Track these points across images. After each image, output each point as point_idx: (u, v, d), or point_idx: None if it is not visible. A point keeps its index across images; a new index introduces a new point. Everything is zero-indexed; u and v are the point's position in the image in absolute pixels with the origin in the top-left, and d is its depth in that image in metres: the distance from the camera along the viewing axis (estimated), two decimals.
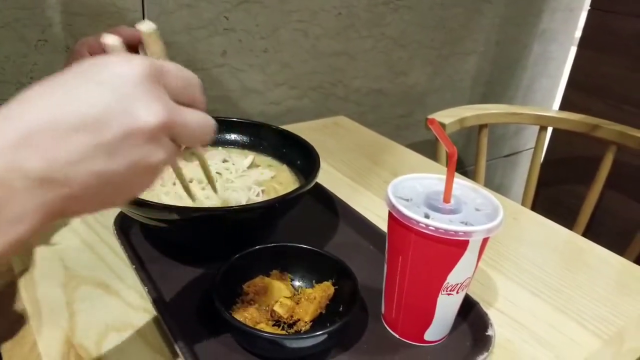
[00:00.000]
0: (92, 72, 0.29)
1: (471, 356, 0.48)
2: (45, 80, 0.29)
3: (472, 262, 0.46)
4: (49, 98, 0.27)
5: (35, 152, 0.26)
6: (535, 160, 1.27)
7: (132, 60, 0.29)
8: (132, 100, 0.28)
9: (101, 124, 0.27)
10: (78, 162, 0.27)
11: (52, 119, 0.27)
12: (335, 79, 1.15)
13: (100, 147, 0.27)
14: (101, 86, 0.28)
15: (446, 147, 0.44)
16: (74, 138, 0.27)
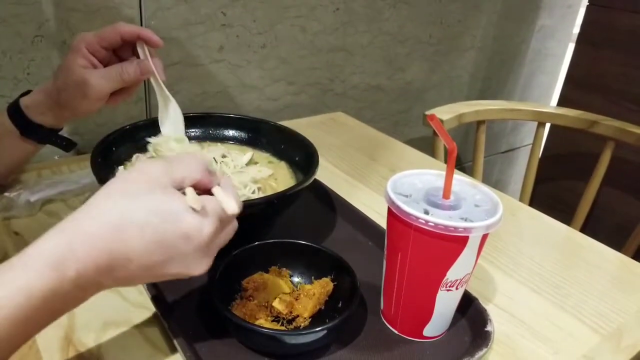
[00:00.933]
0: (165, 229, 0.35)
1: (470, 352, 0.48)
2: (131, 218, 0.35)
3: (471, 258, 0.46)
4: (129, 242, 0.34)
5: (112, 279, 0.35)
6: (534, 156, 1.27)
7: (200, 232, 0.36)
8: (192, 259, 0.37)
9: (164, 268, 0.36)
10: (138, 280, 0.38)
11: (127, 258, 0.35)
12: (333, 74, 1.14)
13: (158, 277, 0.38)
14: (173, 245, 0.36)
15: (446, 143, 0.44)
16: (141, 271, 0.36)
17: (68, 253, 0.32)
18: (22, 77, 0.78)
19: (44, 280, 0.31)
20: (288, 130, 0.70)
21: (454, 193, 0.47)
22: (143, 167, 0.37)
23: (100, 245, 0.33)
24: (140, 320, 0.50)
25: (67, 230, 0.34)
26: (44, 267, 0.32)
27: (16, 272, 0.31)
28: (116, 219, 0.34)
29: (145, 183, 0.36)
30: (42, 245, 0.33)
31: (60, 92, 0.58)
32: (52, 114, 0.60)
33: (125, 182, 0.36)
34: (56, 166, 0.77)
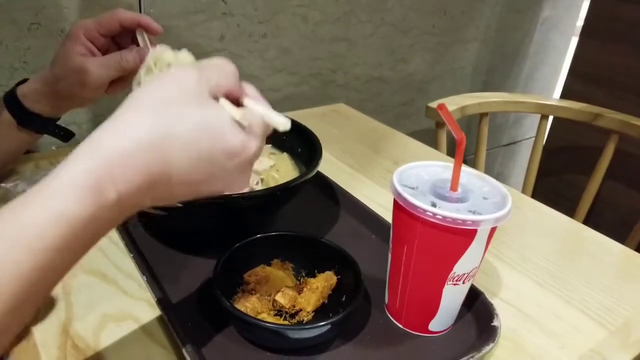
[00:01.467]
0: (211, 146, 0.33)
1: (476, 347, 0.47)
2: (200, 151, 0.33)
3: (479, 251, 0.45)
4: (172, 159, 0.32)
5: (151, 197, 0.33)
6: (536, 149, 1.26)
7: (245, 149, 0.35)
8: (234, 176, 0.36)
9: (206, 185, 0.35)
10: (178, 198, 0.36)
11: (168, 176, 0.33)
12: (335, 65, 1.13)
13: (198, 193, 0.36)
14: (216, 162, 0.34)
15: (454, 134, 0.43)
16: (182, 187, 0.34)
17: (106, 177, 0.29)
18: (18, 65, 0.76)
19: (83, 207, 0.29)
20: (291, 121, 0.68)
21: (462, 185, 0.46)
22: (174, 74, 0.34)
23: (140, 165, 0.30)
24: (139, 314, 0.49)
25: (100, 151, 0.30)
26: (81, 193, 0.29)
27: (52, 200, 0.28)
28: (155, 135, 0.31)
29: (179, 92, 0.33)
30: (74, 169, 0.29)
31: (58, 80, 0.56)
32: (49, 103, 0.59)
33: (156, 91, 0.33)
34: (54, 157, 0.76)
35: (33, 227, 0.27)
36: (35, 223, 0.27)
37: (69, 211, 0.28)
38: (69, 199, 0.28)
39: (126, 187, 0.30)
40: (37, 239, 0.27)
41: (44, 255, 0.28)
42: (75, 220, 0.28)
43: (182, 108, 0.32)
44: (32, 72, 0.76)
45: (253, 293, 0.50)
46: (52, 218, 0.28)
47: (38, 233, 0.27)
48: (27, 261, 0.27)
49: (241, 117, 0.34)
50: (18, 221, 0.28)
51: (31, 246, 0.27)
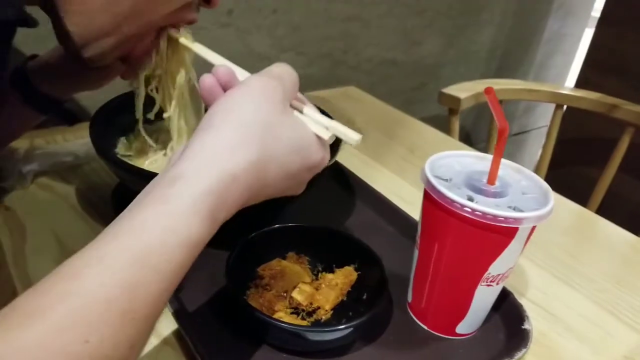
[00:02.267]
0: (300, 166, 0.36)
1: (508, 352, 0.44)
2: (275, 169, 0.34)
3: (517, 251, 0.41)
4: (267, 180, 0.34)
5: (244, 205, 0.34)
6: (549, 139, 1.22)
7: (322, 162, 0.38)
8: (303, 185, 0.39)
9: (282, 194, 0.37)
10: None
11: (265, 194, 0.35)
12: (347, 46, 1.08)
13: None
14: (298, 176, 0.37)
15: (497, 122, 0.39)
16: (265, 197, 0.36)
17: (221, 202, 0.31)
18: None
19: (203, 231, 0.30)
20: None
21: (499, 178, 0.42)
22: (263, 90, 0.34)
23: (245, 188, 0.32)
24: None
25: (215, 175, 0.30)
26: (202, 218, 0.29)
27: (178, 224, 0.28)
28: (262, 160, 0.33)
29: (274, 112, 0.34)
30: (193, 190, 0.30)
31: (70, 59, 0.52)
32: (59, 82, 0.54)
33: (256, 113, 0.33)
34: (50, 135, 0.71)
35: (161, 250, 0.27)
36: (163, 247, 0.28)
37: (193, 236, 0.29)
38: (192, 223, 0.29)
39: (233, 208, 0.32)
40: (165, 263, 0.27)
41: (170, 278, 0.28)
42: (197, 244, 0.29)
43: (279, 130, 0.34)
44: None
45: (267, 288, 0.46)
46: (179, 243, 0.28)
47: (167, 258, 0.28)
48: (156, 282, 0.27)
49: (324, 132, 0.36)
50: (142, 241, 0.27)
51: (160, 269, 0.27)
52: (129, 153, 0.55)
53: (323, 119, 0.38)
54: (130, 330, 0.26)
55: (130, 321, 0.25)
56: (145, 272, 0.26)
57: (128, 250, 0.27)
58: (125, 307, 0.25)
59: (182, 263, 0.28)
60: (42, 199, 0.59)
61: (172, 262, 0.28)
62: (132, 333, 0.26)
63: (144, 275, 0.26)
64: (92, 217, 0.56)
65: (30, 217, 0.55)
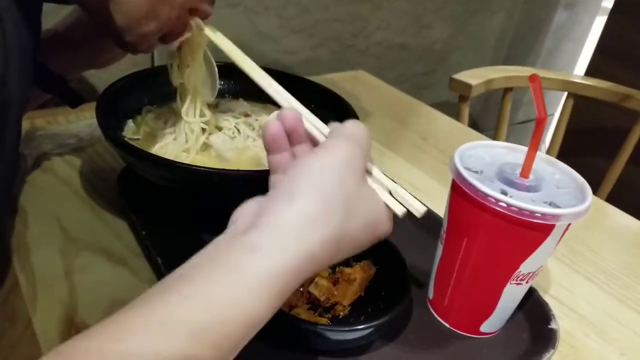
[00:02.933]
0: (370, 240, 0.34)
1: (535, 353, 0.42)
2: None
3: (550, 249, 0.39)
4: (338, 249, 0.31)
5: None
6: (559, 128, 1.20)
7: (387, 231, 0.35)
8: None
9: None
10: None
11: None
12: (357, 28, 1.04)
13: None
14: (366, 244, 0.34)
15: (537, 111, 0.36)
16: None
17: (294, 281, 0.29)
18: None
19: (268, 308, 0.28)
20: (322, 87, 0.61)
21: (533, 171, 0.40)
22: (347, 158, 0.32)
23: (319, 265, 0.30)
24: None
25: (289, 253, 0.28)
26: (272, 295, 0.28)
27: (245, 296, 0.27)
28: (339, 236, 0.30)
29: (354, 183, 0.32)
30: (271, 262, 0.28)
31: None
32: (65, 56, 0.51)
33: (337, 183, 0.31)
34: (52, 115, 0.68)
35: (221, 326, 0.26)
36: (225, 322, 0.26)
37: (256, 315, 0.27)
38: (261, 300, 0.27)
39: (302, 281, 0.30)
40: (224, 339, 0.26)
41: (224, 354, 0.26)
42: (259, 323, 0.28)
43: (357, 203, 0.32)
44: None
45: None
46: (244, 321, 0.27)
47: (226, 334, 0.26)
48: (211, 357, 0.25)
49: (398, 207, 0.35)
50: (206, 313, 0.26)
51: (217, 345, 0.26)
52: (136, 137, 0.52)
53: (389, 182, 0.36)
54: None
55: None
56: (202, 346, 0.25)
57: (189, 320, 0.25)
58: None
59: (240, 340, 0.27)
60: (44, 183, 0.56)
61: (230, 339, 0.26)
62: None
63: (201, 349, 0.25)
64: (97, 204, 0.54)
65: (32, 203, 0.53)
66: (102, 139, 0.61)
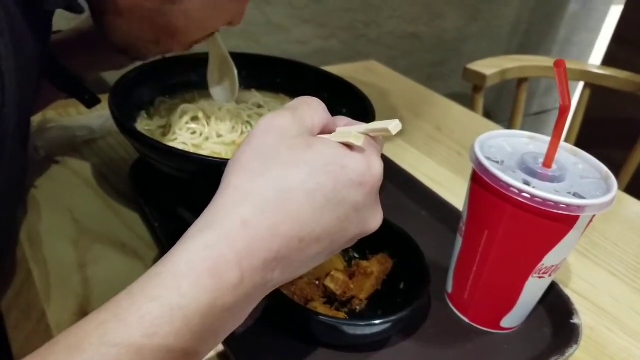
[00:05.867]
0: (336, 182, 0.27)
1: (557, 347, 0.41)
2: (280, 174, 0.27)
3: (574, 241, 0.38)
4: (297, 217, 0.26)
5: (281, 267, 0.27)
6: (576, 119, 1.18)
7: (372, 168, 0.28)
8: (367, 212, 0.29)
9: (339, 235, 0.28)
10: (309, 265, 0.29)
11: (301, 237, 0.26)
12: (369, 17, 1.03)
13: (332, 251, 0.29)
14: (345, 200, 0.27)
15: (561, 99, 0.35)
16: (314, 249, 0.27)
17: (228, 253, 0.25)
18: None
19: (201, 295, 0.24)
20: (336, 77, 0.60)
21: (555, 161, 0.39)
22: (268, 124, 0.28)
23: (263, 233, 0.26)
24: None
25: (216, 225, 0.26)
26: (199, 276, 0.24)
27: (165, 290, 0.24)
28: (272, 194, 0.26)
29: (281, 140, 0.28)
30: (189, 248, 0.25)
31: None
32: (85, 58, 0.50)
33: (258, 148, 0.28)
34: (62, 107, 0.67)
35: (140, 325, 0.23)
36: (143, 320, 0.23)
37: (183, 302, 0.24)
38: (183, 286, 0.24)
39: (251, 263, 0.25)
40: (146, 338, 0.23)
41: (152, 357, 0.23)
42: (191, 312, 0.24)
43: (290, 155, 0.27)
44: None
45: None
46: (166, 313, 0.23)
47: (146, 332, 0.23)
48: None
49: (355, 137, 0.28)
50: (125, 321, 0.23)
51: (139, 348, 0.23)
52: (149, 128, 0.52)
53: (356, 128, 0.30)
54: None
55: None
56: (122, 355, 0.22)
57: (108, 335, 0.23)
58: None
59: (172, 337, 0.23)
60: (56, 176, 0.56)
61: (154, 337, 0.23)
62: None
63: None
64: (109, 195, 0.53)
65: (45, 194, 0.52)
66: (113, 131, 0.60)
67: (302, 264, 0.28)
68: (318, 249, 0.28)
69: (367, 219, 0.29)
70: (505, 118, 1.32)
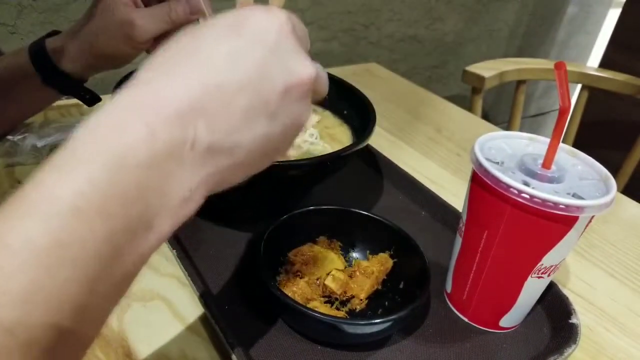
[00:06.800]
0: (240, 29, 0.25)
1: (556, 347, 0.41)
2: (187, 41, 0.25)
3: (573, 241, 0.38)
4: (207, 61, 0.24)
5: (203, 121, 0.23)
6: (573, 122, 1.18)
7: (273, 12, 0.26)
8: (286, 55, 0.26)
9: (263, 83, 0.25)
10: (244, 127, 0.25)
11: (217, 82, 0.24)
12: (369, 20, 1.03)
13: (264, 108, 0.25)
14: (255, 43, 0.25)
15: (561, 100, 0.35)
16: (240, 101, 0.24)
17: (128, 106, 0.22)
18: (27, 3, 0.67)
19: (107, 154, 0.21)
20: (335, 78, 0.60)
21: (554, 162, 0.39)
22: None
23: (167, 83, 0.23)
24: (169, 293, 0.43)
25: (120, 92, 0.23)
26: (102, 135, 0.21)
27: (70, 164, 0.21)
28: (176, 49, 0.25)
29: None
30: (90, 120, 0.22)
31: (98, 34, 0.48)
32: (82, 62, 0.51)
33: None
34: (65, 108, 0.68)
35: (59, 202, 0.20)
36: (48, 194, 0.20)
37: (91, 169, 0.21)
38: (87, 150, 0.21)
39: (157, 113, 0.22)
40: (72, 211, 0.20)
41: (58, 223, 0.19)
42: (98, 175, 0.20)
43: (198, 29, 0.26)
44: (42, 11, 0.68)
45: (299, 275, 0.43)
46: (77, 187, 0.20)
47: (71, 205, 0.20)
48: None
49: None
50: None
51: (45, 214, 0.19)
52: None
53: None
54: None
55: None
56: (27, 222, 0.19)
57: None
58: None
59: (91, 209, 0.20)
60: None
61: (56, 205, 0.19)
62: None
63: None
64: None
65: None
66: None
67: (233, 119, 0.24)
68: (245, 101, 0.24)
69: (291, 65, 0.26)
70: (504, 120, 1.33)
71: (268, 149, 0.26)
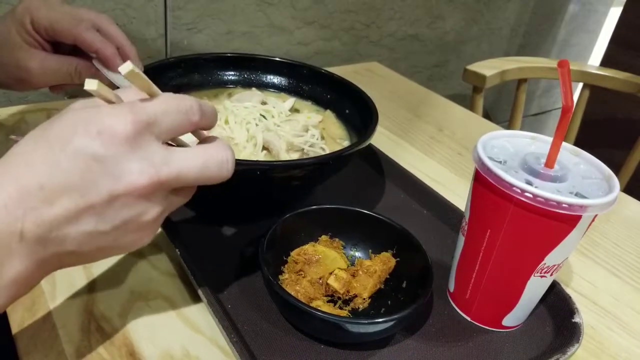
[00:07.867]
0: (75, 131, 0.27)
1: (559, 346, 0.41)
2: (33, 137, 0.28)
3: (576, 241, 0.38)
4: (34, 162, 0.27)
5: (30, 217, 0.26)
6: (574, 120, 1.18)
7: (115, 117, 0.27)
8: (116, 162, 0.27)
9: (86, 188, 0.27)
10: (68, 223, 0.27)
11: (40, 183, 0.26)
12: (370, 19, 1.03)
13: (87, 210, 0.27)
14: (85, 149, 0.27)
15: (564, 99, 0.35)
16: (64, 202, 0.26)
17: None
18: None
19: None
20: (337, 77, 0.60)
21: (557, 161, 0.39)
22: None
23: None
24: (172, 292, 0.43)
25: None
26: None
27: None
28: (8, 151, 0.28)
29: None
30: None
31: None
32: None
33: None
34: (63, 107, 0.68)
35: None
36: None
37: None
38: None
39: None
40: None
41: None
42: None
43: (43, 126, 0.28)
44: None
45: (301, 274, 0.43)
46: None
47: None
48: None
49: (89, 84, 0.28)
50: None
51: None
52: None
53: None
54: None
55: None
56: None
57: None
58: None
59: None
60: None
61: None
62: None
63: None
64: None
65: None
66: None
67: (58, 216, 0.27)
68: (69, 202, 0.26)
69: (118, 172, 0.27)
70: (505, 119, 1.33)
71: (103, 243, 0.29)
